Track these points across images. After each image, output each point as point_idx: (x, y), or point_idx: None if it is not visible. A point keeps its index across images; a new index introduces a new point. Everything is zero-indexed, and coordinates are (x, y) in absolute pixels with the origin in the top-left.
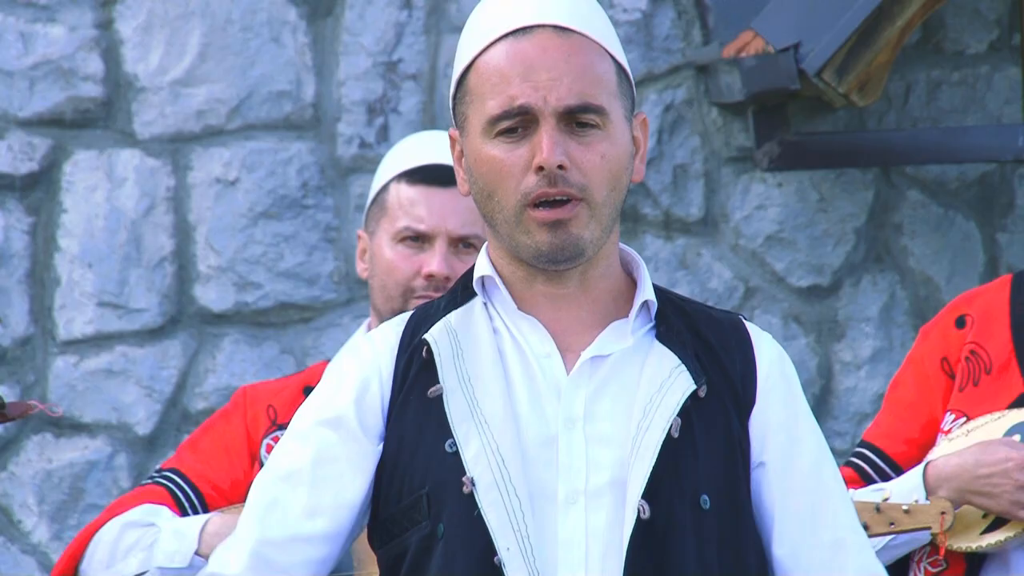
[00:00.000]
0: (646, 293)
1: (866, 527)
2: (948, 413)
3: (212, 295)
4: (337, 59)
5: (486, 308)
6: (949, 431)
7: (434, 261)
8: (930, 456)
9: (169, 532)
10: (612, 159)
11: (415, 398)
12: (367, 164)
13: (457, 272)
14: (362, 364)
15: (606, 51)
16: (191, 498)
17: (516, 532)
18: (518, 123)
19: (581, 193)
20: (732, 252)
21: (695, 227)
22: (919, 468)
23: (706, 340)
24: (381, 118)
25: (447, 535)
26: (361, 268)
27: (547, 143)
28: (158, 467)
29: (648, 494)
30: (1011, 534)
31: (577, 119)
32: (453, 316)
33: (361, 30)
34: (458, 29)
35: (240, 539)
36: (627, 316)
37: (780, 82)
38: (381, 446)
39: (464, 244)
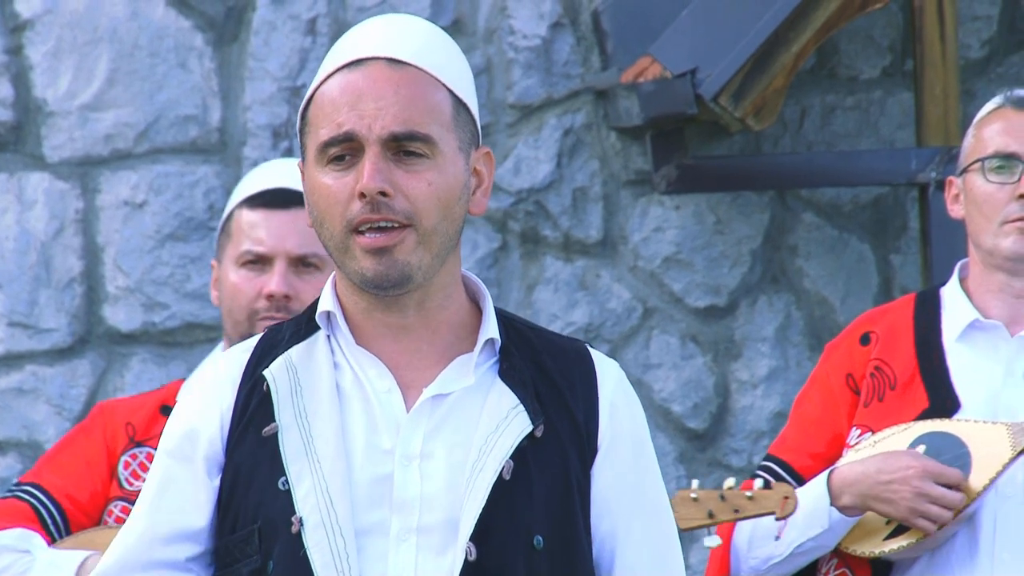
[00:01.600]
0: (490, 331)
1: (711, 515)
2: (853, 428)
3: (120, 315)
4: (243, 84)
5: (329, 342)
6: (856, 444)
7: (273, 281)
8: (836, 464)
9: (44, 563)
10: (440, 188)
11: (252, 432)
12: None
13: (298, 291)
14: (204, 395)
15: (442, 84)
16: (53, 515)
17: (339, 572)
18: (346, 150)
19: (407, 220)
20: (631, 273)
21: (594, 249)
22: (823, 475)
23: (550, 376)
24: (286, 142)
25: (275, 572)
26: (214, 296)
27: (368, 169)
28: (16, 481)
29: (478, 535)
30: (913, 540)
31: (403, 147)
32: (295, 351)
33: (266, 56)
34: None
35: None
36: (471, 351)
37: (677, 107)
38: (219, 476)
39: (304, 264)
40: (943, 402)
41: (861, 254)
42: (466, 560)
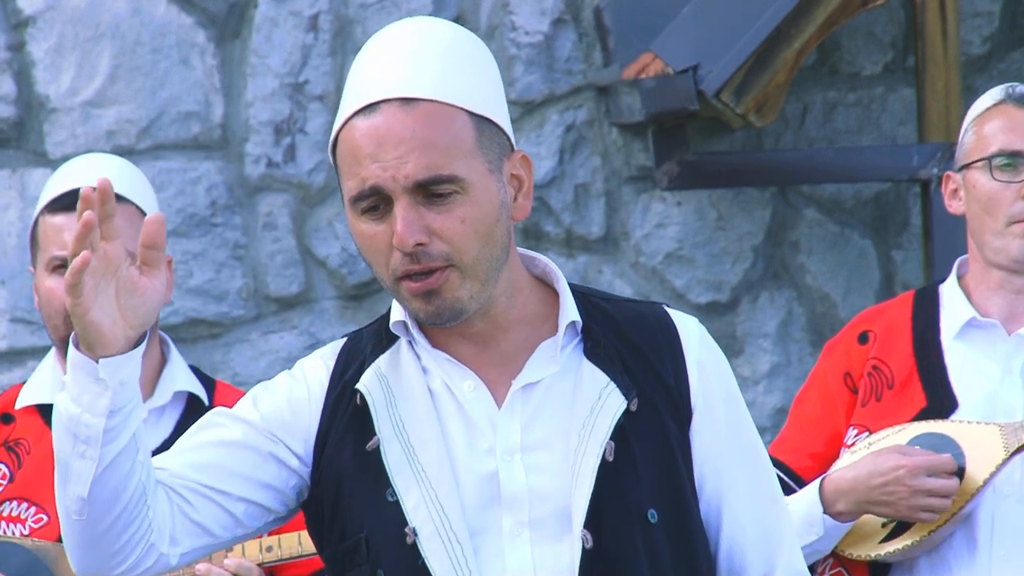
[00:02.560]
0: (570, 314)
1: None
2: (851, 428)
3: None
4: (245, 80)
5: (412, 347)
6: (853, 445)
7: None
8: (830, 470)
9: None
10: (475, 220)
11: (352, 443)
12: (275, 183)
13: None
14: (295, 387)
15: (461, 110)
16: None
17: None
18: (376, 201)
19: (447, 261)
20: (632, 269)
21: (596, 245)
22: (815, 483)
23: (635, 346)
24: (288, 138)
25: None
26: (37, 303)
27: (400, 224)
28: None
29: (591, 522)
30: (909, 542)
31: (431, 191)
32: (383, 361)
33: (268, 52)
34: None
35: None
36: (553, 335)
37: (679, 103)
38: (308, 471)
39: None
40: (941, 401)
41: (863, 250)
42: (583, 548)
